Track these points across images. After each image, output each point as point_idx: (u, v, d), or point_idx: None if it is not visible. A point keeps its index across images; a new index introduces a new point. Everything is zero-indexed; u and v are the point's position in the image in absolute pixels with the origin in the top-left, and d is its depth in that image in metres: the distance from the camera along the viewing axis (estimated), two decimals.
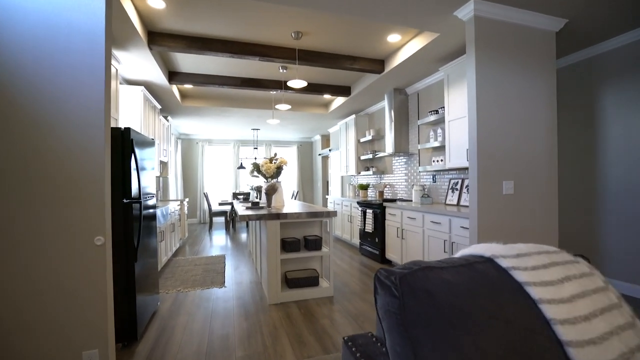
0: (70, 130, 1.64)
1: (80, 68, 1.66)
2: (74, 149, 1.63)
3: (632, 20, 2.87)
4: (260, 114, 6.53)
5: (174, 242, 5.06)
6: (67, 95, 1.64)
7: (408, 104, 5.01)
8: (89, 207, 1.62)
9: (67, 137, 1.63)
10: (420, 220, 3.70)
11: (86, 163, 1.63)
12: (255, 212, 3.19)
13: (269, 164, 3.83)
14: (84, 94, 1.65)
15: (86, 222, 1.62)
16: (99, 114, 1.65)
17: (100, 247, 1.62)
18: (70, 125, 1.64)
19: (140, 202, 2.36)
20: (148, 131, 4.54)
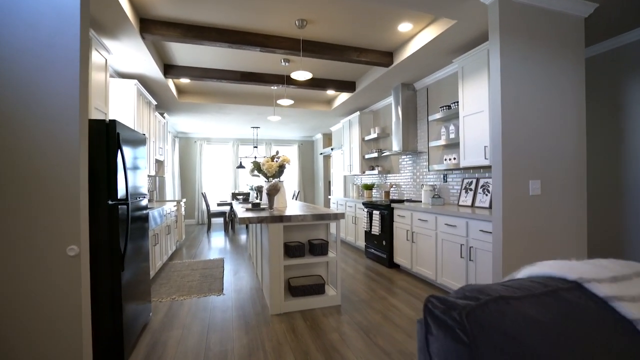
0: (36, 123, 1.39)
1: (49, 48, 1.41)
2: (41, 144, 1.37)
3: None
4: (261, 111, 6.28)
5: (169, 245, 4.81)
6: (31, 80, 1.39)
7: (416, 99, 4.76)
8: (60, 213, 1.37)
9: (32, 130, 1.38)
10: (433, 222, 3.46)
11: (56, 160, 1.38)
12: (256, 214, 2.94)
13: (270, 162, 3.58)
14: (53, 78, 1.40)
15: (57, 229, 1.36)
16: (71, 102, 1.40)
17: (74, 258, 1.37)
18: (36, 116, 1.39)
19: (128, 204, 2.11)
20: (142, 128, 4.29)
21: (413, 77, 4.40)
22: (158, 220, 3.95)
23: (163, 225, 4.29)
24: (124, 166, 2.08)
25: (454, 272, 3.14)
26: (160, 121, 5.51)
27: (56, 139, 1.39)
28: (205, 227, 8.49)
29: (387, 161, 5.64)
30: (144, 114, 4.40)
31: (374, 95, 5.28)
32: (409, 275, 3.97)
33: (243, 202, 4.38)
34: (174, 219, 5.22)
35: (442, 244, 3.32)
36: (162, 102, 5.48)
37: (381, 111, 5.85)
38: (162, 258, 4.23)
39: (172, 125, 7.66)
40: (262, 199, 4.04)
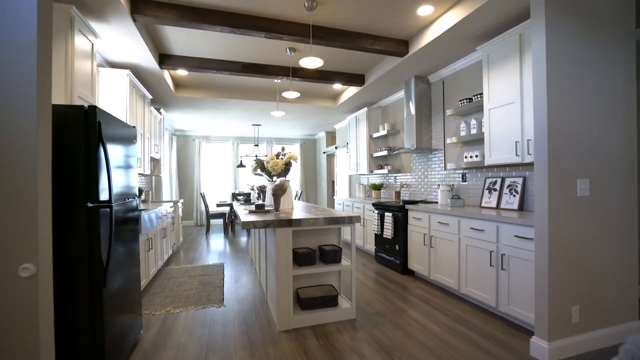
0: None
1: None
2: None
3: None
4: (263, 106, 5.95)
5: (165, 249, 4.47)
6: None
7: (430, 93, 4.44)
8: (10, 223, 1.04)
9: None
10: (455, 226, 3.14)
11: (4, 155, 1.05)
12: (261, 217, 2.61)
13: (275, 159, 3.26)
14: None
15: (6, 244, 1.04)
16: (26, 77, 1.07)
17: (28, 280, 1.05)
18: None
19: (111, 206, 1.78)
20: (135, 122, 3.96)
21: (428, 68, 4.08)
22: (153, 222, 3.62)
23: (158, 228, 3.96)
24: (106, 162, 1.75)
25: (482, 281, 2.82)
26: (156, 117, 5.18)
27: (7, 126, 1.06)
28: (204, 228, 8.15)
29: (397, 160, 5.32)
30: (137, 108, 4.07)
31: (383, 89, 4.96)
32: (426, 283, 3.64)
33: (245, 204, 4.07)
34: (170, 221, 4.89)
35: (467, 250, 3.00)
36: (158, 96, 5.15)
37: (390, 107, 5.53)
38: (157, 264, 3.90)
39: (169, 122, 7.33)
40: (266, 200, 3.72)
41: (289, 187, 3.19)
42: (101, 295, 1.70)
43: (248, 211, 3.06)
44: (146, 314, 2.84)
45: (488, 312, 2.81)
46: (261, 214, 2.83)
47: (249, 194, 7.12)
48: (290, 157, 3.26)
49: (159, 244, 4.03)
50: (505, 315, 2.68)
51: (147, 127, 4.52)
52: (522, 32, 2.72)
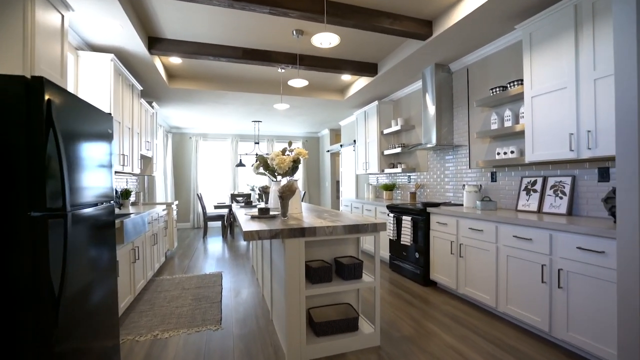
0: None
1: None
2: None
3: None
4: (265, 99, 5.49)
5: (157, 257, 4.01)
6: None
7: (452, 83, 3.99)
8: None
9: None
10: (491, 233, 2.69)
11: None
12: (267, 225, 2.16)
13: (281, 156, 2.80)
14: None
15: None
16: None
17: None
18: None
19: (66, 215, 1.32)
20: (122, 114, 3.50)
21: (451, 54, 3.63)
22: (140, 229, 3.15)
23: (147, 234, 3.50)
24: (59, 155, 1.29)
25: (529, 300, 2.37)
26: (147, 111, 4.71)
27: None
28: (201, 231, 7.69)
29: (412, 158, 4.87)
30: (124, 99, 3.61)
31: (398, 80, 4.51)
32: (454, 297, 3.19)
33: (246, 206, 3.61)
34: (163, 226, 4.43)
35: (508, 262, 2.55)
36: (149, 88, 4.69)
37: (404, 100, 5.08)
38: (146, 275, 3.44)
39: (163, 118, 6.87)
40: (269, 203, 3.27)
41: (298, 189, 2.73)
42: (50, 338, 1.24)
43: (250, 216, 2.61)
44: (128, 339, 2.38)
45: (538, 337, 2.36)
46: (266, 221, 2.37)
47: (249, 194, 6.67)
48: (299, 153, 2.81)
49: (148, 253, 3.57)
50: (562, 343, 2.23)
51: (136, 121, 4.06)
52: (579, 2, 2.27)
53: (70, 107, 1.43)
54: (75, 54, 3.09)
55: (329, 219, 2.44)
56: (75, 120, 1.48)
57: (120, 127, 3.47)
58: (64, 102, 1.37)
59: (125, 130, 3.61)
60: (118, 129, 3.41)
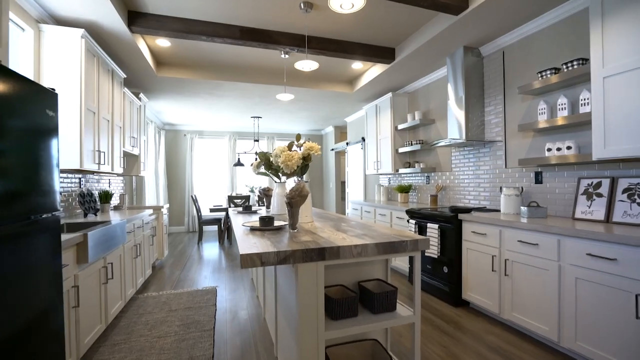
0: None
1: None
2: None
3: None
4: (265, 91, 4.94)
5: (142, 270, 3.46)
6: None
7: (483, 69, 3.46)
8: None
9: None
10: (551, 248, 2.15)
11: None
12: (272, 243, 1.61)
13: (288, 152, 2.26)
14: None
15: None
16: None
17: None
18: None
19: None
20: (97, 104, 2.95)
21: (484, 35, 3.09)
22: (115, 241, 2.60)
23: (127, 245, 2.95)
24: None
25: (611, 337, 1.83)
26: (133, 102, 4.16)
27: None
28: (196, 235, 7.13)
29: (432, 156, 4.33)
30: (101, 86, 3.06)
31: (417, 67, 3.97)
32: (496, 323, 2.65)
33: (245, 212, 3.07)
34: (149, 233, 3.87)
35: (577, 286, 2.01)
36: (135, 76, 4.13)
37: (421, 92, 4.54)
38: (125, 295, 2.88)
39: (155, 113, 6.31)
40: (272, 207, 2.73)
41: (310, 193, 2.18)
42: None
43: (249, 228, 2.06)
44: None
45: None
46: (271, 235, 1.83)
47: (247, 196, 6.12)
48: (310, 148, 2.26)
49: (129, 268, 3.02)
50: None
51: (118, 113, 3.51)
52: None
53: None
54: (36, 28, 2.54)
55: (352, 231, 1.90)
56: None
57: (95, 118, 2.92)
58: None
59: (102, 123, 3.06)
60: (92, 121, 2.86)
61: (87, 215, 2.95)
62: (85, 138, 2.71)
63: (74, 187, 3.15)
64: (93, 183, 3.64)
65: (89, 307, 2.11)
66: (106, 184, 4.07)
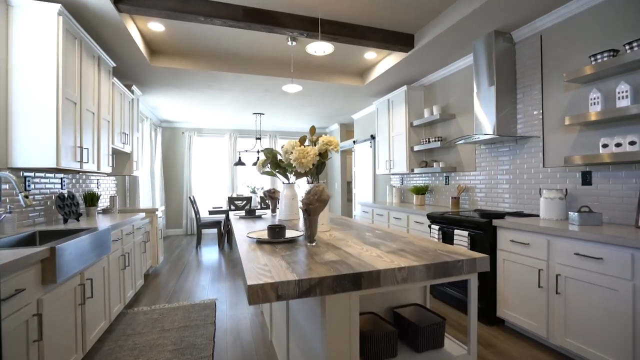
0: None
1: None
2: None
3: None
4: (270, 85, 4.56)
5: (132, 282, 3.08)
6: None
7: (515, 57, 3.08)
8: None
9: None
10: (621, 263, 1.78)
11: None
12: (288, 264, 1.24)
13: (302, 148, 1.88)
14: None
15: None
16: None
17: None
18: None
19: None
20: (78, 93, 2.57)
21: (519, 17, 2.72)
22: (97, 252, 2.22)
23: (114, 256, 2.57)
24: None
25: None
26: (124, 95, 3.78)
27: None
28: (194, 238, 6.75)
29: (452, 154, 3.95)
30: (85, 73, 2.68)
31: (438, 56, 3.59)
32: (543, 349, 2.27)
33: (248, 216, 2.68)
34: (141, 239, 3.50)
35: None
36: (126, 65, 3.75)
37: (439, 85, 4.17)
38: (109, 314, 2.50)
39: (150, 109, 5.94)
40: (280, 212, 2.36)
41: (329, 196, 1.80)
42: None
43: (255, 239, 1.68)
44: None
45: None
46: (284, 250, 1.45)
47: (249, 198, 5.75)
48: (329, 143, 1.88)
49: (115, 281, 2.64)
50: None
51: (105, 105, 3.13)
52: None
53: None
54: (4, 2, 2.16)
55: (384, 245, 1.52)
56: None
57: (77, 110, 2.54)
58: None
59: (85, 116, 2.69)
60: (73, 113, 2.48)
61: (67, 221, 2.57)
62: (64, 132, 2.33)
63: (55, 188, 2.77)
64: (82, 184, 3.26)
65: (58, 336, 1.73)
66: (101, 185, 3.69)
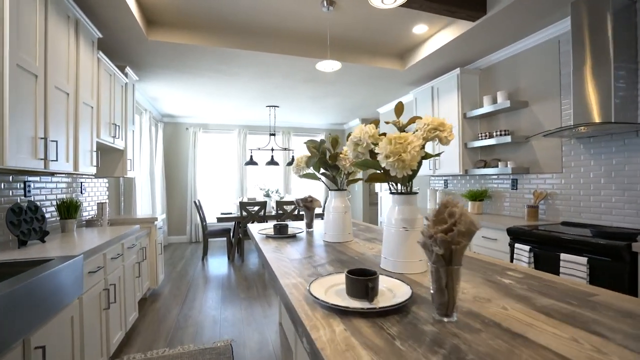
0: None
1: None
2: None
3: None
4: (291, 68, 3.80)
5: (120, 321, 2.32)
6: None
7: (637, 19, 2.30)
8: None
9: None
10: None
11: None
12: None
13: (398, 136, 1.10)
14: None
15: None
16: None
17: None
18: None
19: None
20: (41, 61, 1.81)
21: None
22: (63, 295, 1.46)
23: (90, 295, 1.80)
24: None
25: None
26: (114, 76, 3.03)
27: None
28: (200, 247, 6.00)
29: (522, 151, 3.17)
30: (52, 37, 1.93)
31: (514, 25, 2.81)
32: None
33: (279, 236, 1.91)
34: (134, 260, 2.74)
35: None
36: (116, 39, 3.00)
37: (502, 66, 3.38)
38: None
39: (150, 101, 5.19)
40: (328, 228, 1.60)
41: None
42: None
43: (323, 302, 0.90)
44: None
45: None
46: (392, 329, 0.68)
47: (263, 203, 4.98)
48: (440, 127, 1.10)
49: (93, 329, 1.88)
50: None
51: (85, 85, 2.37)
52: None
53: None
54: None
55: (557, 306, 0.74)
56: None
57: (39, 85, 1.79)
58: None
59: (54, 96, 1.93)
60: (33, 89, 1.73)
61: (25, 244, 1.81)
62: (16, 116, 1.58)
63: (15, 196, 2.02)
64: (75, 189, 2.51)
65: None
66: (87, 189, 2.94)
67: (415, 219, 1.22)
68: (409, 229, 1.21)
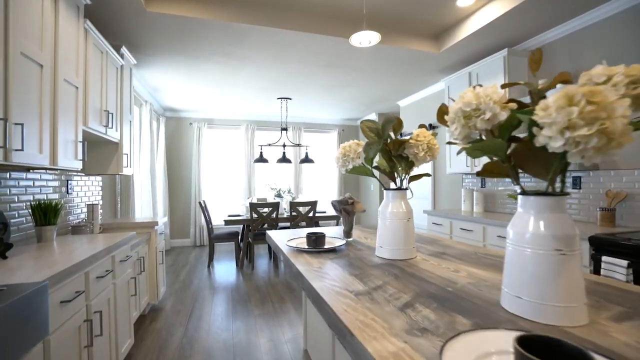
0: None
1: None
2: None
3: None
4: (309, 51, 3.33)
5: (110, 356, 1.85)
6: None
7: None
8: None
9: None
10: None
11: None
12: None
13: (597, 92, 0.62)
14: None
15: None
16: None
17: None
18: None
19: None
20: (2, 21, 1.34)
21: None
22: (31, 336, 0.99)
23: (61, 335, 1.34)
24: None
25: None
26: (106, 54, 2.56)
27: None
28: (205, 251, 5.53)
29: None
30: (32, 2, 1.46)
31: None
32: None
33: (316, 249, 1.44)
34: (130, 274, 2.27)
35: None
36: (108, 9, 2.53)
37: (558, 45, 2.89)
38: None
39: (150, 92, 4.73)
40: (383, 242, 1.13)
41: None
42: None
43: None
44: None
45: None
46: None
47: (276, 204, 4.51)
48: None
49: None
50: None
51: (69, 60, 1.90)
52: None
53: None
54: None
55: None
56: None
57: None
58: None
59: (17, 62, 1.47)
60: None
61: None
62: None
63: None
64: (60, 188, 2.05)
65: None
66: (76, 188, 2.47)
67: (574, 236, 0.74)
68: (565, 252, 0.73)
